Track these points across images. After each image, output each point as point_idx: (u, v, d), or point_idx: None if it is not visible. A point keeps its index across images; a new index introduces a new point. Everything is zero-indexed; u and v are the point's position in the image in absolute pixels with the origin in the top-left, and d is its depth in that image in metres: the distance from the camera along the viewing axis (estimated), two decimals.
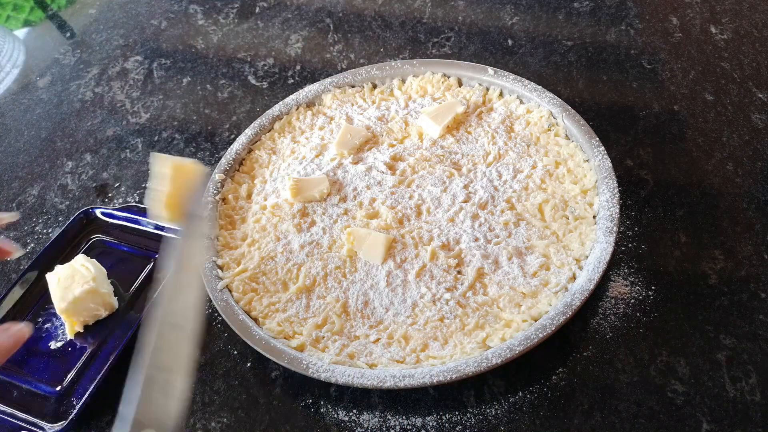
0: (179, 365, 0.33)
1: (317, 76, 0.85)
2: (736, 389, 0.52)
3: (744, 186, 0.65)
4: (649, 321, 0.56)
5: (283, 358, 0.54)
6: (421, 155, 0.69)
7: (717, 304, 0.57)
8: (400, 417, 0.54)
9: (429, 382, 0.51)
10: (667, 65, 0.78)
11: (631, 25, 0.84)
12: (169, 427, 0.32)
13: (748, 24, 0.82)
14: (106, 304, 0.62)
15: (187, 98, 0.86)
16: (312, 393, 0.56)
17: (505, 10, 0.90)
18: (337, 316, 0.58)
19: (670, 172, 0.67)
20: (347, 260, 0.62)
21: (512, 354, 0.51)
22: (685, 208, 0.64)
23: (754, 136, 0.69)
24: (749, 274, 0.58)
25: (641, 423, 0.51)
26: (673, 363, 0.54)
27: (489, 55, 0.83)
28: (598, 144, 0.64)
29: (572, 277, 0.57)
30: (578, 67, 0.80)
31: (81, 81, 0.91)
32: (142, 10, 1.01)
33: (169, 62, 0.91)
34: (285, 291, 0.61)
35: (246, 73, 0.87)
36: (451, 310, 0.57)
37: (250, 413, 0.56)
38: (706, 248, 0.61)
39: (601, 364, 0.55)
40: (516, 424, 0.52)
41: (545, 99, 0.70)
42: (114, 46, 0.95)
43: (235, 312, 0.58)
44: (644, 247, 0.61)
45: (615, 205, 0.59)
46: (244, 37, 0.93)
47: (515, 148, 0.68)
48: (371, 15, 0.93)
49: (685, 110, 0.73)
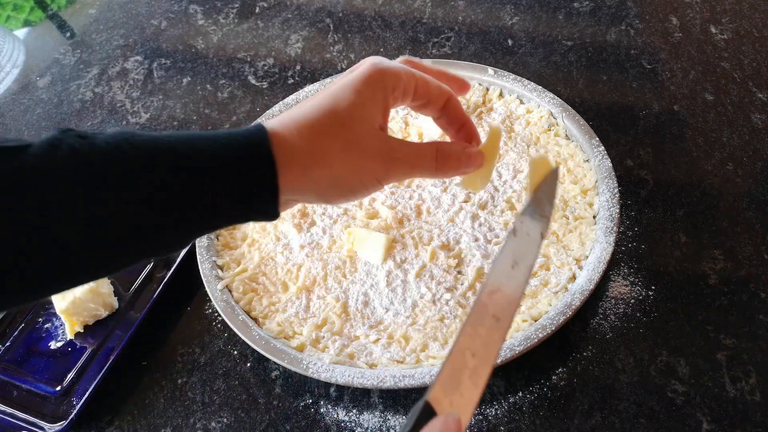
0: (490, 356, 0.33)
1: (317, 76, 0.85)
2: (736, 389, 0.52)
3: (744, 186, 0.65)
4: (649, 321, 0.56)
5: (283, 358, 0.54)
6: None
7: (717, 304, 0.57)
8: (400, 417, 0.54)
9: (429, 382, 0.51)
10: (667, 65, 0.78)
11: (631, 25, 0.84)
12: (468, 414, 0.32)
13: (748, 24, 0.82)
14: (106, 304, 0.62)
15: (187, 98, 0.86)
16: (312, 393, 0.56)
17: (505, 10, 0.89)
18: (337, 316, 0.58)
19: (670, 172, 0.67)
20: (347, 260, 0.62)
21: (512, 354, 0.51)
22: (685, 208, 0.64)
23: (754, 136, 0.69)
24: (749, 274, 0.58)
25: (641, 423, 0.51)
26: (673, 363, 0.54)
27: (489, 55, 0.83)
28: (598, 144, 0.64)
29: (572, 277, 0.57)
30: (578, 67, 0.80)
31: (81, 81, 0.91)
32: (142, 10, 1.01)
33: (169, 62, 0.91)
34: (285, 291, 0.61)
35: (246, 73, 0.87)
36: (451, 310, 0.57)
37: (250, 413, 0.56)
38: (706, 248, 0.61)
39: (601, 364, 0.55)
40: (516, 424, 0.52)
41: (545, 99, 0.70)
42: (114, 46, 0.95)
43: (235, 312, 0.58)
44: (644, 247, 0.61)
45: (615, 205, 0.59)
46: (244, 37, 0.93)
47: (515, 148, 0.68)
48: (371, 15, 0.93)
49: (685, 110, 0.73)
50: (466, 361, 0.33)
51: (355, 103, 0.37)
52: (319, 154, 0.36)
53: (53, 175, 0.30)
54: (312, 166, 0.36)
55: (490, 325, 0.35)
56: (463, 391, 0.32)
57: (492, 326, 0.34)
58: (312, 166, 0.36)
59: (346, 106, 0.37)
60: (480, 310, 0.35)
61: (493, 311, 0.35)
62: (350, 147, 0.37)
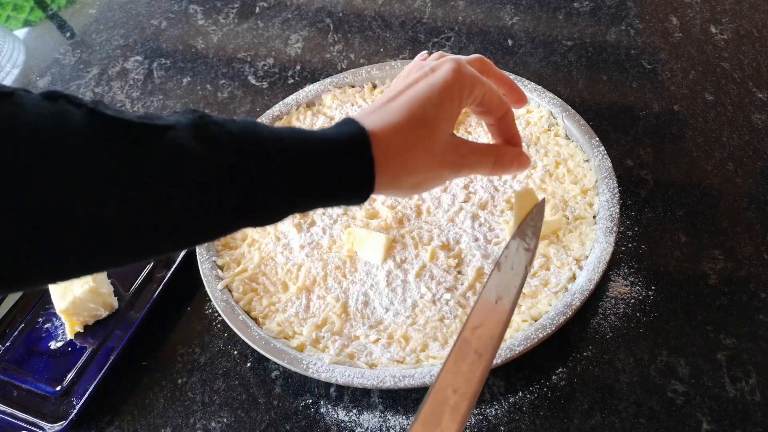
0: (471, 392, 0.34)
1: (317, 76, 0.85)
2: (736, 389, 0.52)
3: (744, 186, 0.65)
4: (649, 321, 0.56)
5: (283, 358, 0.54)
6: None
7: (717, 304, 0.57)
8: (400, 417, 0.54)
9: (429, 382, 0.51)
10: (667, 65, 0.78)
11: (631, 25, 0.84)
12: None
13: (748, 24, 0.82)
14: (106, 304, 0.62)
15: (187, 98, 0.86)
16: (312, 393, 0.56)
17: (505, 10, 0.89)
18: (337, 316, 0.58)
19: (670, 172, 0.67)
20: (347, 260, 0.62)
21: (512, 354, 0.51)
22: (685, 208, 0.64)
23: (754, 136, 0.69)
24: (749, 274, 0.58)
25: (641, 423, 0.51)
26: (673, 363, 0.54)
27: (489, 55, 0.83)
28: (598, 144, 0.64)
29: (572, 277, 0.57)
30: (578, 67, 0.80)
31: (81, 81, 0.91)
32: (142, 10, 1.01)
33: (169, 62, 0.91)
34: (285, 291, 0.61)
35: (246, 73, 0.87)
36: (451, 310, 0.57)
37: (250, 413, 0.56)
38: (706, 248, 0.61)
39: (601, 364, 0.55)
40: (516, 424, 0.52)
41: (545, 99, 0.70)
42: (114, 46, 0.95)
43: (235, 312, 0.58)
44: (644, 247, 0.61)
45: (615, 205, 0.59)
46: (244, 37, 0.93)
47: None
48: (371, 15, 0.93)
49: (685, 110, 0.73)
50: (447, 397, 0.34)
51: (438, 111, 0.40)
52: (408, 164, 0.39)
53: (200, 158, 0.32)
54: (401, 173, 0.39)
55: (473, 360, 0.36)
56: (443, 428, 0.33)
57: (474, 362, 0.36)
58: (401, 174, 0.39)
59: (432, 116, 0.40)
60: (463, 345, 0.36)
61: (476, 346, 0.36)
62: (433, 158, 0.40)
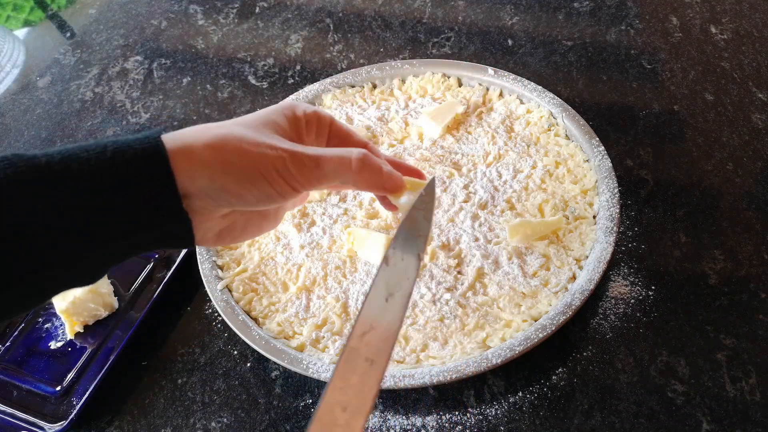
0: (364, 407, 0.31)
1: (317, 76, 0.85)
2: (736, 389, 0.52)
3: (744, 186, 0.65)
4: (649, 321, 0.56)
5: (283, 358, 0.54)
6: (421, 155, 0.69)
7: (717, 304, 0.57)
8: (400, 417, 0.54)
9: (429, 382, 0.51)
10: (667, 65, 0.78)
11: (631, 25, 0.84)
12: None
13: (748, 24, 0.82)
14: (106, 304, 0.62)
15: (187, 98, 0.86)
16: (312, 393, 0.56)
17: (505, 10, 0.89)
18: (337, 316, 0.58)
19: (670, 172, 0.67)
20: (347, 260, 0.62)
21: (512, 354, 0.51)
22: (685, 208, 0.64)
23: (754, 136, 0.69)
24: (749, 274, 0.58)
25: (641, 423, 0.51)
26: (673, 363, 0.54)
27: (489, 55, 0.83)
28: (598, 144, 0.64)
29: (572, 277, 0.57)
30: (578, 67, 0.80)
31: (81, 81, 0.91)
32: (142, 10, 1.01)
33: (169, 62, 0.91)
34: (285, 291, 0.61)
35: (246, 73, 0.87)
36: (451, 310, 0.57)
37: (250, 413, 0.56)
38: (706, 248, 0.61)
39: (601, 364, 0.55)
40: (516, 424, 0.52)
41: (545, 99, 0.70)
42: (114, 46, 0.95)
43: (235, 312, 0.58)
44: (644, 247, 0.61)
45: (615, 205, 0.59)
46: (244, 37, 0.93)
47: (515, 148, 0.68)
48: (371, 15, 0.93)
49: (685, 110, 0.73)
50: (336, 418, 0.30)
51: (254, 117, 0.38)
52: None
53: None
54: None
55: (363, 370, 0.32)
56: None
57: (366, 371, 0.32)
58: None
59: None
60: (350, 356, 0.32)
61: (366, 354, 0.32)
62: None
